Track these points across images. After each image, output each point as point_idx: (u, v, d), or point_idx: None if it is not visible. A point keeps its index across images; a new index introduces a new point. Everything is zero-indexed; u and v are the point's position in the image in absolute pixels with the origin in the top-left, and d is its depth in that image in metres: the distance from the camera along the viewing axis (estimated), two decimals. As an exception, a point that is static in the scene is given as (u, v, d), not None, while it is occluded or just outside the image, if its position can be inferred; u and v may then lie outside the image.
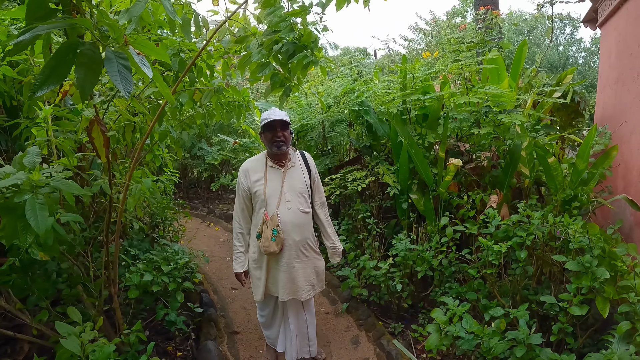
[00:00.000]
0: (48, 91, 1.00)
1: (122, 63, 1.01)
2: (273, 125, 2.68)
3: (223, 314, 3.90)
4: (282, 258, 2.75)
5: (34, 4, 1.13)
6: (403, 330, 3.45)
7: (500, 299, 2.86)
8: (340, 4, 2.36)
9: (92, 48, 0.99)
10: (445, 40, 5.07)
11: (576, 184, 3.22)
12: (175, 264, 3.27)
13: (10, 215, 1.54)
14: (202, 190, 8.41)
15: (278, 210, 2.71)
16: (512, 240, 2.71)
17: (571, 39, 24.86)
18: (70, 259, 2.57)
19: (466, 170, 3.77)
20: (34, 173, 1.52)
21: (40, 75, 0.99)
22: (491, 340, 2.36)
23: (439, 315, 2.63)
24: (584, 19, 5.98)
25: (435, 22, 14.58)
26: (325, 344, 3.40)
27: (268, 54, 2.48)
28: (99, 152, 1.71)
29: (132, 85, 1.01)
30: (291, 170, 2.81)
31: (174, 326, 3.14)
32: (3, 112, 2.90)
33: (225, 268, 5.02)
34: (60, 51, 0.98)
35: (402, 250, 3.34)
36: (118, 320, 2.70)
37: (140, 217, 3.87)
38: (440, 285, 3.40)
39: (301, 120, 4.97)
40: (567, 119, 4.76)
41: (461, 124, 3.75)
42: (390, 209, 4.41)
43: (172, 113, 2.85)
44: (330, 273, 4.48)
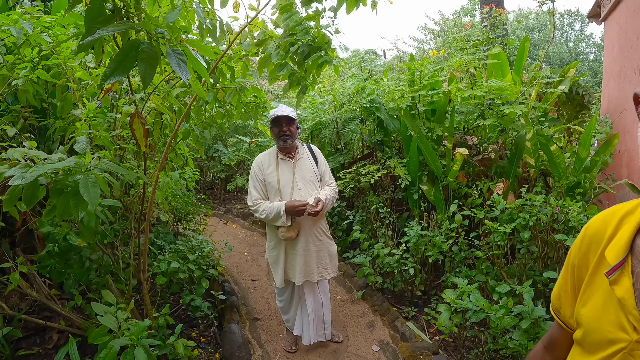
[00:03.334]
0: (115, 81, 1.22)
1: (179, 57, 1.22)
2: (279, 121, 2.95)
3: (244, 302, 4.11)
4: (298, 242, 2.98)
5: (93, 11, 1.36)
6: (416, 315, 3.63)
7: (507, 280, 3.03)
8: (350, 8, 2.56)
9: (150, 46, 1.20)
10: (452, 39, 5.26)
11: (579, 171, 3.38)
12: (200, 252, 3.50)
13: (61, 195, 1.74)
14: (218, 191, 8.66)
15: (292, 198, 2.95)
16: (515, 222, 2.89)
17: (581, 35, 24.74)
18: (102, 248, 2.79)
19: (474, 162, 3.95)
20: (86, 156, 1.76)
21: (108, 68, 1.21)
22: (497, 313, 2.54)
23: (450, 295, 2.81)
24: (589, 14, 6.12)
25: (444, 22, 14.71)
26: (342, 328, 3.59)
27: (285, 55, 2.70)
28: (139, 141, 1.94)
29: (189, 74, 1.23)
30: (300, 162, 3.07)
31: (198, 311, 3.34)
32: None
33: (245, 262, 5.24)
34: (124, 49, 1.20)
35: (414, 237, 3.53)
36: (146, 305, 2.89)
37: (166, 210, 4.11)
38: (451, 272, 3.57)
39: (315, 118, 5.20)
40: (573, 112, 4.91)
41: (467, 116, 3.94)
42: (402, 201, 4.61)
43: (197, 112, 3.08)
44: (346, 264, 4.68)
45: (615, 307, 0.80)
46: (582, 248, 0.93)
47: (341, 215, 5.18)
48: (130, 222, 3.00)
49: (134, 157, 2.91)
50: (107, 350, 1.99)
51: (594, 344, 0.84)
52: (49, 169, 1.62)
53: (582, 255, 0.93)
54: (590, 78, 22.19)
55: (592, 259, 0.89)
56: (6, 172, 1.61)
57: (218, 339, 3.29)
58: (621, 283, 0.79)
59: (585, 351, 0.88)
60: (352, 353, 3.24)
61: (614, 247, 0.83)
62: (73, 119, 2.64)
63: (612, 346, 0.79)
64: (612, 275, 0.81)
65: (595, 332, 0.83)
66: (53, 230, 2.52)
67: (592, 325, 0.85)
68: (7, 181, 1.74)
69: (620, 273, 0.80)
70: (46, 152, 2.07)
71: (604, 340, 0.81)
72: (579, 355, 0.91)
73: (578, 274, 0.94)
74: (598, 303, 0.85)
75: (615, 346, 0.79)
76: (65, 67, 2.64)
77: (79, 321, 2.60)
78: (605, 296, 0.83)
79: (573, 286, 0.97)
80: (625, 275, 0.79)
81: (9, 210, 1.75)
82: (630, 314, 0.77)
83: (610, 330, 0.80)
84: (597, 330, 0.83)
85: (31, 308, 2.82)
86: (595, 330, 0.83)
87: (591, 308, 0.86)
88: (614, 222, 0.87)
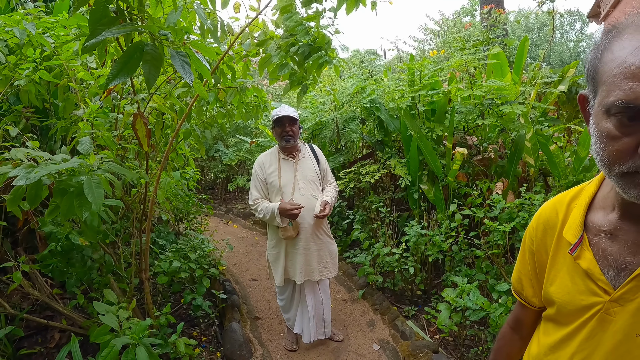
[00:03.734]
0: (120, 82, 1.24)
1: (182, 59, 1.24)
2: (282, 121, 2.97)
3: (245, 301, 4.13)
4: (299, 241, 3.00)
5: (97, 13, 1.38)
6: (416, 314, 3.64)
7: (507, 279, 3.05)
8: (350, 8, 2.58)
9: (154, 48, 1.22)
10: (451, 39, 5.27)
11: (578, 171, 3.39)
12: (201, 252, 3.52)
13: (65, 195, 1.76)
14: (219, 191, 8.68)
15: (293, 198, 2.97)
16: (515, 221, 2.90)
17: (582, 35, 24.75)
18: (104, 248, 2.80)
19: (474, 161, 3.96)
20: (90, 157, 1.77)
21: (113, 69, 1.22)
22: (497, 311, 2.55)
23: (450, 293, 2.83)
24: (589, 13, 6.14)
25: (444, 22, 14.73)
26: (343, 327, 3.61)
27: (286, 55, 2.72)
28: (141, 141, 1.96)
29: (192, 75, 1.24)
30: (302, 161, 3.09)
31: (199, 310, 3.36)
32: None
33: (245, 261, 5.26)
34: (129, 50, 1.22)
35: (414, 236, 3.54)
36: (148, 304, 2.91)
37: (167, 210, 4.13)
38: (451, 271, 3.59)
39: (315, 118, 5.21)
40: (573, 112, 4.91)
41: (466, 116, 3.95)
42: (402, 201, 4.62)
43: (198, 112, 3.09)
44: (346, 263, 4.70)
45: (582, 278, 0.91)
46: (538, 234, 1.04)
47: (342, 215, 5.20)
48: (131, 221, 3.01)
49: (135, 157, 2.92)
50: (108, 349, 2.00)
51: (570, 314, 0.93)
52: (53, 169, 1.64)
53: (539, 241, 1.03)
54: (591, 78, 22.13)
55: (550, 242, 1.00)
56: (10, 172, 1.63)
57: (219, 338, 3.31)
58: (584, 257, 0.90)
59: (561, 324, 0.97)
60: (353, 352, 3.26)
61: (570, 228, 0.94)
62: (75, 119, 2.66)
63: (588, 311, 0.89)
64: (574, 252, 0.91)
65: (569, 304, 0.93)
66: (55, 229, 2.53)
67: (564, 299, 0.94)
68: (10, 181, 1.76)
69: (581, 249, 0.91)
70: (48, 152, 2.08)
71: (579, 308, 0.91)
72: (553, 329, 1.00)
73: (538, 258, 1.04)
74: (565, 279, 0.95)
75: (591, 310, 0.89)
76: (67, 68, 2.66)
77: (81, 320, 2.62)
78: (571, 271, 0.93)
79: (534, 269, 1.07)
80: (585, 250, 0.90)
81: (13, 210, 1.76)
82: (599, 280, 0.87)
83: (583, 298, 0.90)
84: (570, 302, 0.93)
85: (33, 307, 2.84)
86: (569, 302, 0.93)
87: (560, 284, 0.96)
88: (563, 208, 0.98)
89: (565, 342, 0.95)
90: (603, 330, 0.87)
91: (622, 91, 0.69)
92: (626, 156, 0.72)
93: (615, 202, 0.88)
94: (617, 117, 0.72)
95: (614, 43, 0.75)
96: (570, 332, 0.93)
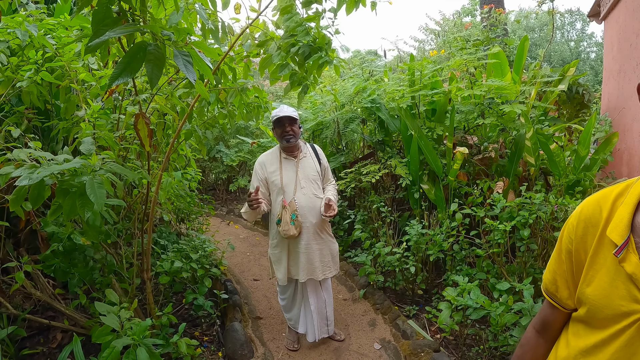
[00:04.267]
0: (123, 81, 1.25)
1: (185, 59, 1.25)
2: (282, 121, 2.98)
3: (246, 301, 4.14)
4: (301, 240, 3.01)
5: (100, 14, 1.39)
6: (417, 313, 3.65)
7: (507, 278, 3.05)
8: (349, 9, 2.59)
9: (156, 48, 1.23)
10: (452, 39, 5.28)
11: (579, 170, 3.40)
12: (203, 252, 3.53)
13: (68, 196, 1.77)
14: (220, 192, 8.69)
15: (295, 197, 2.98)
16: (515, 220, 2.91)
17: (582, 34, 24.72)
18: (106, 248, 2.81)
19: (474, 161, 3.97)
20: (92, 157, 1.78)
21: (117, 69, 1.23)
22: (498, 310, 2.56)
23: (450, 292, 2.83)
24: (590, 13, 6.13)
25: (444, 22, 14.73)
26: (344, 327, 3.61)
27: (286, 55, 2.73)
28: (143, 141, 1.97)
29: (195, 74, 1.26)
30: (303, 160, 3.10)
31: (201, 310, 3.37)
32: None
33: (247, 262, 5.27)
34: (132, 50, 1.23)
35: (415, 235, 3.55)
36: (150, 304, 2.92)
37: (169, 211, 4.14)
38: (452, 270, 3.59)
39: (316, 118, 5.23)
40: (573, 111, 4.93)
41: (467, 116, 3.96)
42: (403, 200, 4.63)
43: (199, 113, 3.11)
44: (347, 263, 4.71)
45: (625, 283, 0.85)
46: (579, 232, 0.97)
47: (343, 215, 5.21)
48: (133, 222, 3.03)
49: (137, 158, 2.94)
50: (109, 350, 2.01)
51: (606, 319, 0.88)
52: (55, 170, 1.65)
53: (579, 240, 0.97)
54: (592, 77, 22.17)
55: (591, 241, 0.94)
56: (13, 173, 1.64)
57: (221, 338, 3.32)
58: (629, 260, 0.84)
59: (595, 328, 0.92)
60: (354, 351, 3.26)
61: (616, 227, 0.88)
62: (76, 120, 2.67)
63: (626, 318, 0.84)
64: (620, 254, 0.86)
65: (606, 307, 0.88)
66: (57, 229, 2.54)
67: (601, 302, 0.89)
68: (13, 181, 1.77)
69: (626, 251, 0.85)
70: (50, 152, 2.09)
71: (617, 314, 0.86)
72: (585, 332, 0.95)
73: (576, 258, 0.98)
74: (604, 281, 0.89)
75: (630, 318, 0.84)
76: (68, 69, 2.67)
77: (83, 320, 2.63)
78: (612, 274, 0.88)
79: (571, 270, 1.01)
80: (631, 252, 0.85)
81: (15, 210, 1.78)
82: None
83: (623, 304, 0.85)
84: (607, 306, 0.88)
85: (35, 307, 2.85)
86: (606, 306, 0.88)
87: (597, 286, 0.91)
88: (608, 205, 0.92)
89: (599, 347, 0.90)
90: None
91: None
92: None
93: None
94: None
95: None
96: (606, 339, 0.89)
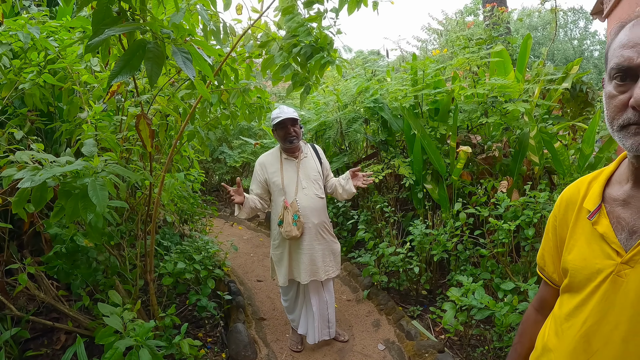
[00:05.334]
0: (123, 80, 1.24)
1: (184, 56, 1.25)
2: (284, 123, 2.97)
3: (250, 302, 4.14)
4: (303, 241, 3.00)
5: (100, 14, 1.39)
6: (421, 314, 3.63)
7: (512, 277, 3.03)
8: (351, 9, 2.58)
9: (156, 46, 1.23)
10: (454, 38, 5.26)
11: (583, 168, 3.38)
12: (206, 253, 3.53)
13: (70, 197, 1.77)
14: (224, 193, 8.69)
15: (296, 197, 2.97)
16: (520, 219, 2.89)
17: (585, 32, 24.61)
18: (109, 249, 2.81)
19: (478, 160, 3.95)
20: (94, 159, 1.78)
21: (116, 67, 1.23)
22: (502, 310, 2.54)
23: (455, 293, 2.82)
24: (593, 10, 6.10)
25: (447, 22, 14.70)
26: (348, 327, 3.60)
27: (288, 56, 2.72)
28: (145, 142, 1.97)
29: (194, 71, 1.25)
30: (304, 161, 3.10)
31: (204, 311, 3.36)
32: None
33: (250, 263, 5.27)
34: (131, 48, 1.23)
35: (419, 235, 3.53)
36: (153, 306, 2.91)
37: (172, 212, 4.15)
38: (456, 270, 3.58)
39: (319, 119, 5.22)
40: (577, 109, 4.90)
41: (470, 115, 3.94)
42: (406, 200, 4.62)
43: (201, 114, 3.10)
44: (351, 263, 4.69)
45: (599, 242, 0.97)
46: (561, 210, 1.12)
47: (346, 215, 5.20)
48: (136, 223, 3.03)
49: (139, 159, 2.94)
50: (112, 351, 2.01)
51: (584, 279, 0.98)
52: (57, 172, 1.64)
53: (561, 216, 1.11)
54: (595, 75, 22.07)
55: (571, 216, 1.07)
56: (15, 175, 1.64)
57: (224, 339, 3.32)
58: (601, 223, 0.97)
59: (575, 292, 1.01)
60: (358, 352, 3.25)
61: (590, 199, 1.02)
62: (79, 121, 2.67)
63: (600, 274, 0.94)
64: (593, 218, 0.99)
65: (584, 269, 0.98)
66: (60, 231, 2.54)
67: (580, 265, 1.00)
68: (15, 183, 1.77)
69: (598, 215, 0.98)
70: (53, 154, 2.09)
71: (593, 272, 0.96)
72: (567, 299, 1.04)
73: (560, 233, 1.11)
74: (583, 246, 1.01)
75: (603, 273, 0.93)
76: (71, 71, 2.67)
77: (87, 322, 2.63)
78: (589, 237, 1.00)
79: (555, 244, 1.14)
80: (602, 217, 0.97)
81: (18, 212, 1.78)
82: (613, 243, 0.93)
83: (598, 262, 0.95)
84: (585, 267, 0.98)
85: (39, 309, 2.85)
86: (584, 268, 0.98)
87: (577, 252, 1.02)
88: (585, 186, 1.07)
89: (579, 308, 0.98)
90: (615, 292, 0.91)
91: (616, 57, 0.86)
92: (621, 111, 0.86)
93: (629, 174, 0.96)
94: (614, 79, 0.87)
95: (620, 32, 0.91)
96: (585, 298, 0.97)
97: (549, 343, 1.08)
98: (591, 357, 0.94)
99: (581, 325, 0.96)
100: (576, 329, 0.97)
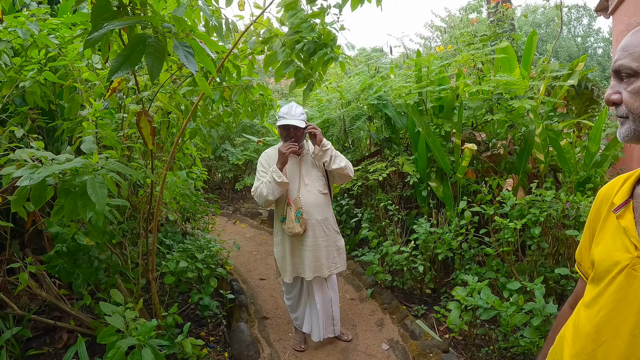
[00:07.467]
0: (123, 74, 1.22)
1: (186, 50, 1.22)
2: (287, 127, 2.95)
3: (252, 301, 4.11)
4: (306, 237, 2.98)
5: (99, 8, 1.37)
6: (426, 313, 3.60)
7: (518, 277, 3.00)
8: (355, 5, 2.55)
9: (157, 40, 1.20)
10: (458, 35, 5.22)
11: (589, 166, 3.34)
12: (208, 252, 3.50)
13: (69, 195, 1.74)
14: (226, 191, 8.69)
15: (299, 194, 2.96)
16: (526, 218, 2.86)
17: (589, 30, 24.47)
18: (110, 248, 2.80)
19: (483, 158, 3.91)
20: (93, 156, 1.76)
21: (115, 62, 1.21)
22: (508, 310, 2.51)
23: (460, 292, 2.79)
24: (597, 7, 6.04)
25: (450, 19, 14.61)
26: (351, 326, 3.58)
27: (291, 52, 2.69)
28: (146, 139, 1.94)
29: (196, 66, 1.23)
30: (307, 157, 3.09)
31: (207, 310, 3.34)
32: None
33: (253, 261, 5.25)
34: (132, 42, 1.21)
35: (423, 234, 3.50)
36: (155, 305, 2.89)
37: (174, 210, 4.13)
38: (461, 269, 3.55)
39: (322, 116, 5.18)
40: (582, 106, 4.85)
41: (475, 112, 3.91)
42: (411, 198, 4.58)
43: (203, 111, 3.08)
44: (355, 262, 4.67)
45: (620, 236, 0.99)
46: (596, 206, 1.14)
47: (349, 214, 5.17)
48: (138, 221, 3.00)
49: (141, 157, 2.91)
50: (114, 351, 1.99)
51: (603, 271, 1.00)
52: (56, 169, 1.62)
53: (595, 212, 1.14)
54: (599, 73, 21.94)
55: (603, 211, 1.10)
56: (14, 173, 1.62)
57: (227, 338, 3.29)
58: (625, 217, 1.00)
59: (596, 283, 1.03)
60: (362, 351, 3.22)
61: (620, 194, 1.06)
62: (80, 119, 2.65)
63: (617, 266, 0.96)
64: (618, 212, 1.02)
65: (605, 260, 1.00)
66: (61, 230, 2.52)
67: (602, 257, 1.02)
68: (15, 182, 1.74)
69: (624, 210, 1.01)
70: (54, 153, 2.07)
71: (612, 264, 0.98)
72: (589, 290, 1.06)
73: (593, 227, 1.13)
74: (608, 238, 1.04)
75: (620, 265, 0.95)
76: (72, 69, 2.65)
77: (89, 321, 2.61)
78: (614, 231, 1.02)
79: (590, 238, 1.15)
80: (628, 212, 1.00)
81: (18, 211, 1.75)
82: (632, 236, 0.96)
83: (617, 254, 0.97)
84: (606, 259, 1.00)
85: (41, 308, 2.84)
86: (605, 259, 1.00)
87: (603, 244, 1.05)
88: (619, 184, 1.10)
89: (596, 299, 1.00)
90: (629, 285, 0.92)
91: (613, 59, 0.96)
92: (610, 105, 0.97)
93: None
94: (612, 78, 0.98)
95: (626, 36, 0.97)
96: (602, 289, 0.99)
97: (565, 332, 1.11)
98: (599, 347, 0.96)
99: (595, 315, 0.99)
100: (591, 319, 1.00)
